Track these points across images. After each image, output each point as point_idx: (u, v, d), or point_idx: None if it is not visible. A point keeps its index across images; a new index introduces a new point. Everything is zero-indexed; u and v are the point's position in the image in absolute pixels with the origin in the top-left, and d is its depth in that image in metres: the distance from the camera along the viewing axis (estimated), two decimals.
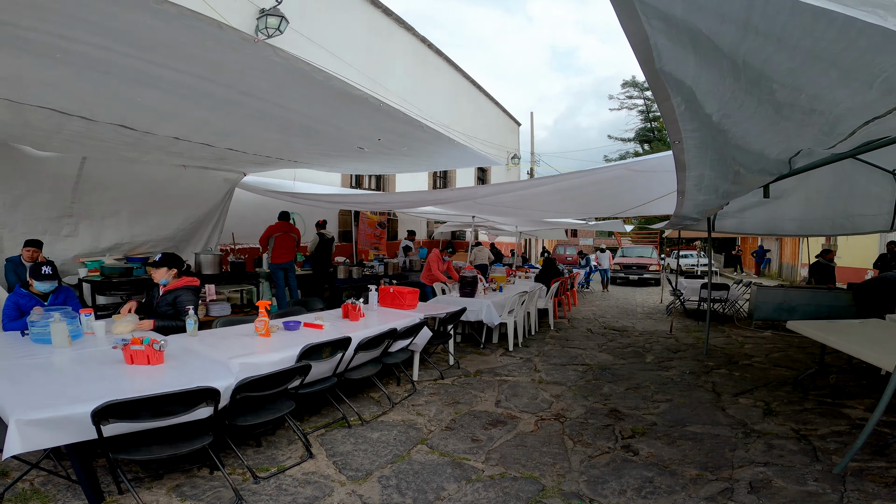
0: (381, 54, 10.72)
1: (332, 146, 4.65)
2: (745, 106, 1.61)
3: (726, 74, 1.36)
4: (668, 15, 1.07)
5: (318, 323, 3.64)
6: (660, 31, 1.12)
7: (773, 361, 5.73)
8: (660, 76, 1.32)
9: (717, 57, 1.26)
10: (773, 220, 6.37)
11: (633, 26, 1.10)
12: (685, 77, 1.35)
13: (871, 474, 2.80)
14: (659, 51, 1.20)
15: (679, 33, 1.13)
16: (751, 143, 2.14)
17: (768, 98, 1.56)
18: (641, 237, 26.78)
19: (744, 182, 2.89)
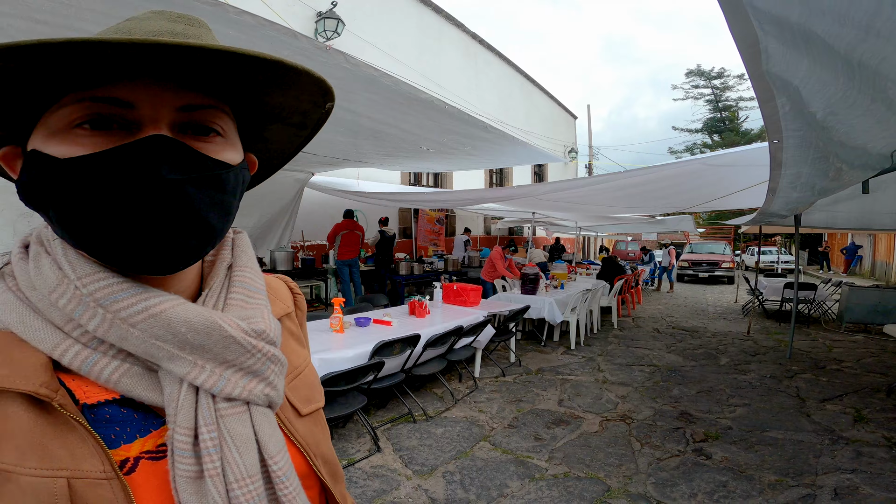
0: (433, 52, 10.84)
1: (398, 147, 4.80)
2: (857, 104, 1.48)
3: (840, 74, 1.26)
4: (782, 18, 1.02)
5: (386, 319, 3.79)
6: (772, 34, 1.06)
7: (866, 367, 5.28)
8: (765, 77, 1.25)
9: (832, 58, 1.17)
10: (868, 213, 5.80)
11: (743, 30, 1.06)
12: (793, 78, 1.27)
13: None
14: (769, 54, 1.14)
15: (793, 36, 1.07)
16: (854, 139, 1.97)
17: (881, 96, 1.43)
18: (712, 231, 25.21)
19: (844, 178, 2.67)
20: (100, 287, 0.41)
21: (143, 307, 0.41)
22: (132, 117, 0.40)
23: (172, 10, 0.44)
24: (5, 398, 0.40)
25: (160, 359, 0.42)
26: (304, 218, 7.59)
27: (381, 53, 8.81)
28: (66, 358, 0.41)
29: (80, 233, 0.40)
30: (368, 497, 2.58)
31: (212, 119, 0.43)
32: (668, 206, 7.53)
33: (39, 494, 0.38)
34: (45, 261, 0.42)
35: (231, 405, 0.44)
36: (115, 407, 0.44)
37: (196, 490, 0.42)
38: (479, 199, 6.88)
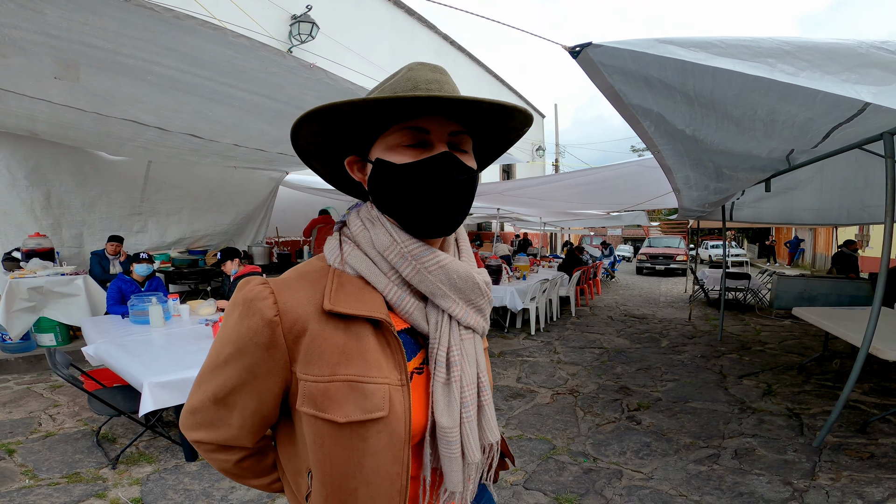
0: (405, 53, 11.13)
1: None
2: (707, 123, 1.99)
3: (681, 103, 1.76)
4: (623, 69, 1.50)
5: None
6: (620, 80, 1.54)
7: (786, 348, 5.94)
8: (629, 108, 1.73)
9: (670, 91, 1.66)
10: (790, 209, 6.54)
11: (599, 80, 1.53)
12: (651, 106, 1.75)
13: (849, 449, 3.07)
14: (624, 93, 1.61)
15: (636, 80, 1.55)
16: (732, 148, 2.50)
17: (725, 115, 1.94)
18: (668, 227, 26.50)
19: (737, 179, 3.23)
20: (414, 248, 0.64)
21: (437, 261, 0.64)
22: (428, 139, 0.63)
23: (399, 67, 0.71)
24: (360, 324, 0.62)
25: (437, 296, 0.64)
26: (278, 215, 7.84)
27: (354, 56, 9.05)
28: (389, 295, 0.64)
29: (401, 209, 0.64)
30: None
31: (465, 140, 0.66)
32: (617, 203, 8.16)
33: (375, 396, 0.59)
34: (381, 230, 0.65)
35: (467, 332, 0.67)
36: (404, 335, 0.65)
37: (444, 392, 0.63)
38: None
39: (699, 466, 2.85)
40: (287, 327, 0.60)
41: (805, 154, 3.18)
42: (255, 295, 0.61)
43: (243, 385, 0.63)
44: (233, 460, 0.72)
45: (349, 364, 0.59)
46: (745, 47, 1.22)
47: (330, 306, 0.60)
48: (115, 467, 2.71)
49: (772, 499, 2.50)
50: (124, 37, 2.50)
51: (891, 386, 4.26)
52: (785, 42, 1.22)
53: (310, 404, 0.60)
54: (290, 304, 0.60)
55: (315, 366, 0.60)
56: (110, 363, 2.80)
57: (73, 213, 5.54)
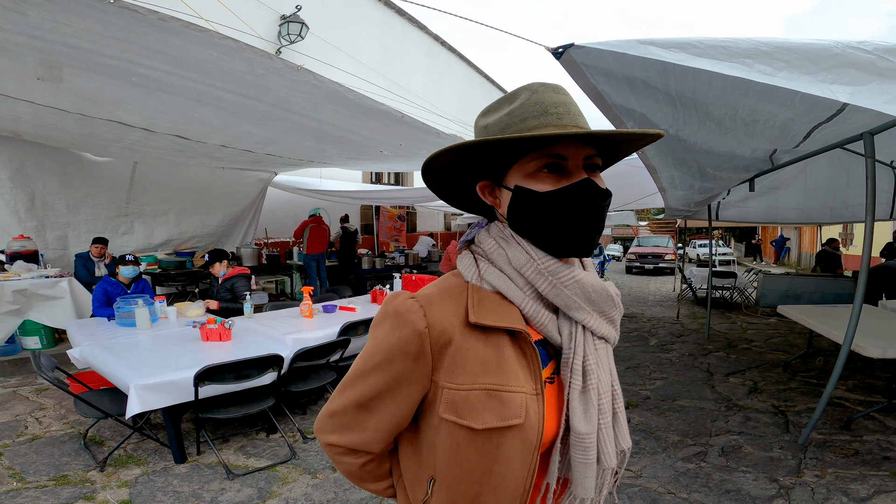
0: (396, 54, 11.12)
1: (359, 151, 5.15)
2: (690, 123, 2.03)
3: (663, 103, 1.79)
4: (606, 70, 1.52)
5: (351, 306, 4.18)
6: (603, 81, 1.56)
7: (771, 346, 6.00)
8: (612, 109, 1.76)
9: (652, 91, 1.69)
10: (774, 209, 6.65)
11: (583, 81, 1.55)
12: (634, 107, 1.78)
13: (833, 446, 3.10)
14: (607, 93, 1.64)
15: (618, 80, 1.57)
16: (715, 148, 2.54)
17: (707, 115, 1.97)
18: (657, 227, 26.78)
19: (721, 178, 3.27)
20: (550, 265, 0.67)
21: (572, 276, 0.67)
22: (565, 165, 0.65)
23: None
24: (499, 335, 0.65)
25: (572, 308, 0.67)
26: (267, 216, 7.79)
27: (344, 56, 9.03)
28: (526, 309, 0.67)
29: (542, 233, 0.67)
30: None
31: (597, 162, 0.68)
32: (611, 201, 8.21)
33: (512, 404, 0.62)
34: (517, 249, 0.68)
35: (601, 342, 0.70)
36: (537, 345, 0.67)
37: (581, 400, 0.66)
38: (434, 195, 7.31)
39: (687, 464, 2.88)
40: (434, 338, 0.65)
41: (787, 154, 3.24)
42: (406, 308, 0.66)
43: (387, 391, 0.69)
44: (359, 464, 0.77)
45: (488, 373, 0.63)
46: (724, 48, 1.24)
47: (475, 319, 0.64)
48: (104, 470, 2.70)
49: (758, 496, 2.53)
50: (108, 38, 2.49)
51: (874, 383, 4.31)
52: (762, 42, 1.24)
53: (451, 411, 0.64)
54: (437, 317, 0.65)
55: (458, 374, 0.64)
56: (96, 366, 2.78)
57: (57, 214, 5.47)
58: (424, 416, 0.70)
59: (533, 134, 0.61)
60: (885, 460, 2.90)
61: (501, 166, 0.70)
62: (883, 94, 1.23)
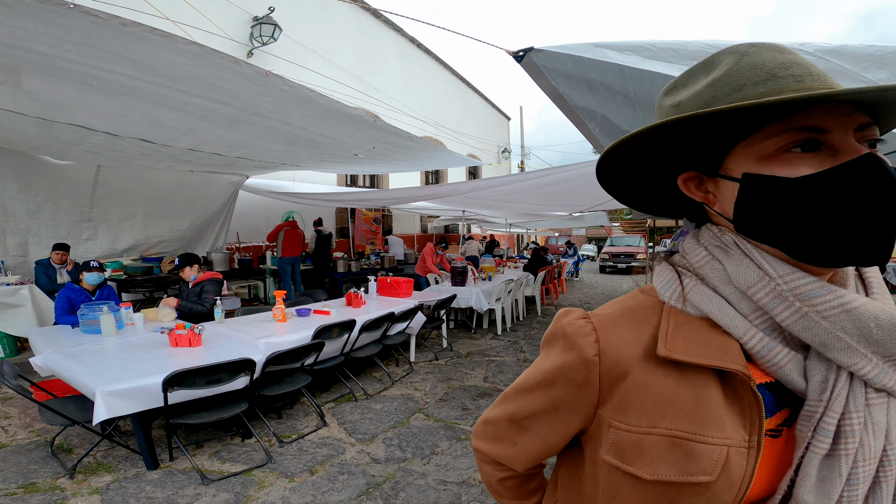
0: (371, 56, 11.11)
1: (332, 154, 5.13)
2: (650, 123, 2.11)
3: (622, 105, 1.87)
4: (565, 72, 1.58)
5: (325, 310, 4.16)
6: (563, 83, 1.63)
7: None
8: (574, 110, 1.83)
9: (611, 93, 1.76)
10: None
11: (543, 83, 1.62)
12: (595, 108, 1.86)
13: None
14: (568, 95, 1.70)
15: (577, 83, 1.64)
16: None
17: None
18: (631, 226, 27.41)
19: None
20: (798, 284, 0.48)
21: (839, 303, 0.47)
22: (828, 140, 0.47)
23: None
24: (701, 373, 0.51)
25: (832, 348, 0.47)
26: (238, 219, 7.66)
27: (318, 59, 8.98)
28: (750, 343, 0.50)
29: (799, 234, 0.47)
30: (319, 460, 2.96)
31: (873, 135, 0.49)
32: (579, 203, 8.40)
33: (703, 458, 0.48)
34: (743, 262, 0.51)
35: (878, 395, 0.49)
36: (762, 389, 0.51)
37: (822, 465, 0.48)
38: (409, 197, 7.33)
39: None
40: (606, 369, 0.55)
41: None
42: (575, 330, 0.57)
43: (542, 414, 0.62)
44: (498, 477, 0.72)
45: (676, 418, 0.51)
46: (673, 50, 1.31)
47: (666, 353, 0.51)
48: (73, 477, 2.64)
49: None
50: (68, 43, 2.44)
51: None
52: (709, 45, 1.32)
53: (615, 454, 0.54)
54: (613, 344, 0.55)
55: (632, 414, 0.53)
56: (60, 373, 2.71)
57: (17, 220, 5.26)
58: (588, 446, 0.61)
59: (792, 97, 0.43)
60: None
61: (716, 151, 0.53)
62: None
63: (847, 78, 1.27)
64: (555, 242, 20.74)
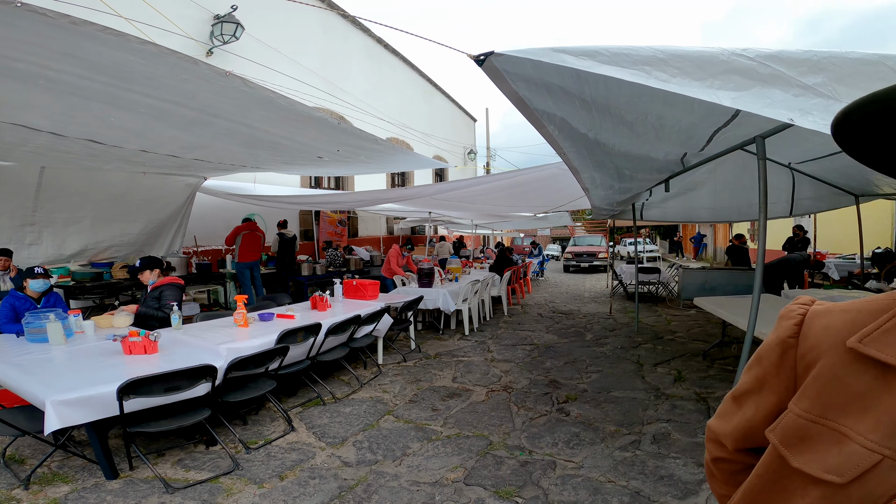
0: (338, 56, 10.98)
1: (295, 156, 5.03)
2: (605, 127, 2.20)
3: (580, 108, 1.93)
4: (525, 76, 1.63)
5: (289, 314, 4.07)
6: (523, 87, 1.67)
7: (692, 336, 6.50)
8: (534, 113, 1.88)
9: (569, 97, 1.83)
10: (689, 208, 7.25)
11: (504, 87, 1.66)
12: (554, 111, 1.91)
13: None
14: (528, 98, 1.75)
15: (537, 86, 1.69)
16: (631, 151, 2.76)
17: (621, 120, 2.16)
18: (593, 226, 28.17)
19: (638, 179, 3.54)
20: None
21: None
22: None
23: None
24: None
25: None
26: (197, 222, 7.38)
27: (283, 58, 8.80)
28: None
29: None
30: (288, 466, 2.91)
31: None
32: (543, 204, 8.58)
33: (847, 459, 0.46)
34: None
35: None
36: None
37: None
38: (375, 200, 7.28)
39: (624, 453, 3.04)
40: (801, 353, 0.54)
41: (696, 157, 3.57)
42: (786, 312, 0.58)
43: (751, 391, 0.62)
44: (713, 455, 0.71)
45: (855, 415, 0.48)
46: (626, 55, 1.38)
47: (855, 344, 0.49)
48: (28, 488, 2.54)
49: (689, 480, 2.69)
50: (12, 41, 2.30)
51: None
52: (659, 50, 1.39)
53: (778, 432, 0.55)
54: (815, 331, 0.54)
55: (808, 399, 0.52)
56: (7, 383, 2.58)
57: None
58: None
59: None
60: None
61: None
62: (762, 98, 1.39)
63: (784, 83, 1.36)
64: (520, 243, 21.08)
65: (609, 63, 1.40)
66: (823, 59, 1.36)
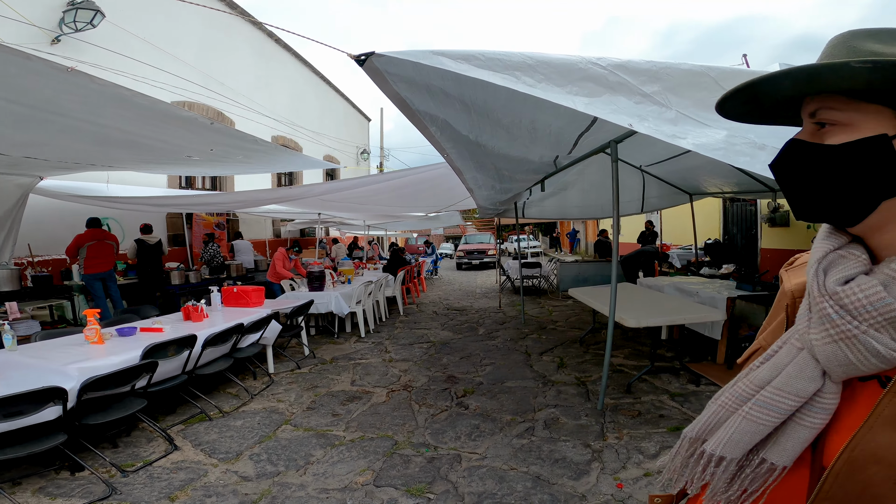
0: (219, 48, 10.14)
1: (159, 156, 4.49)
2: (484, 129, 2.34)
3: (460, 111, 2.03)
4: (407, 78, 1.67)
5: (156, 327, 3.64)
6: (405, 88, 1.71)
7: (570, 324, 7.08)
8: (416, 114, 1.93)
9: (450, 99, 1.91)
10: (563, 206, 7.99)
11: (386, 88, 1.68)
12: (437, 113, 1.98)
13: (623, 409, 3.61)
14: (410, 99, 1.79)
15: (419, 88, 1.74)
16: (509, 153, 2.97)
17: (497, 123, 2.31)
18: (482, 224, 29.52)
19: (516, 180, 3.81)
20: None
21: None
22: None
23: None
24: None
25: None
26: (32, 229, 6.20)
27: (153, 49, 7.84)
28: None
29: None
30: (176, 486, 2.63)
31: (821, 117, 0.52)
32: (434, 204, 8.79)
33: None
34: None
35: None
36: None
37: None
38: (258, 200, 6.79)
39: (521, 440, 3.19)
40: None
41: (566, 159, 3.96)
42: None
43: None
44: None
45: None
46: (499, 60, 1.48)
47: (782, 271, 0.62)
48: None
49: (579, 461, 2.86)
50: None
51: (642, 350, 5.31)
52: (528, 56, 1.51)
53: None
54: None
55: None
56: None
57: None
58: None
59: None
60: (661, 418, 3.44)
61: None
62: (610, 104, 1.59)
63: (628, 90, 1.57)
64: (414, 242, 21.32)
65: (483, 67, 1.48)
66: (661, 70, 1.58)
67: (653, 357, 4.49)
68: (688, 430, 0.60)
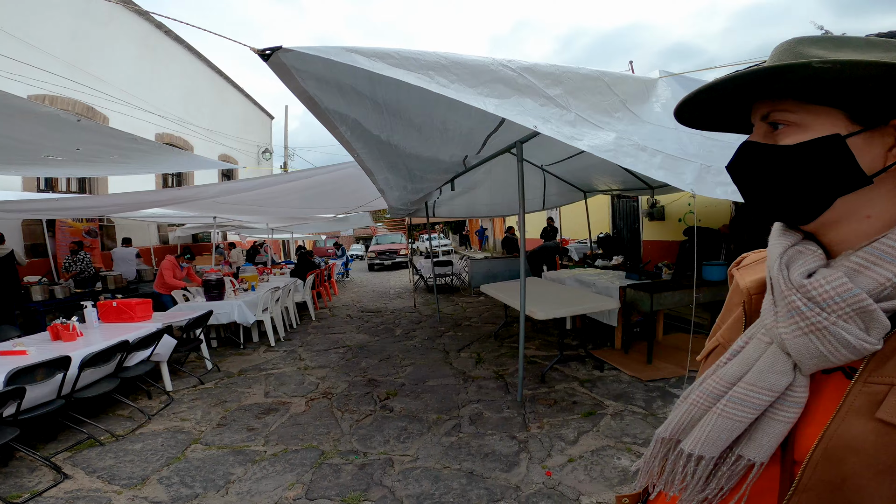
0: (94, 39, 8.92)
1: (10, 156, 3.81)
2: (396, 130, 2.34)
3: (371, 110, 2.01)
4: (317, 75, 1.60)
5: (18, 350, 3.11)
6: (314, 86, 1.64)
7: (484, 320, 7.28)
8: (325, 113, 1.86)
9: (361, 98, 1.87)
10: (472, 205, 8.24)
11: (293, 85, 1.60)
12: (347, 112, 1.93)
13: (540, 398, 3.71)
14: (319, 98, 1.73)
15: (329, 86, 1.68)
16: (421, 153, 2.99)
17: (410, 123, 2.32)
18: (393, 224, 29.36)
19: (427, 180, 3.86)
20: None
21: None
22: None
23: None
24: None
25: None
26: None
27: (17, 42, 6.65)
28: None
29: None
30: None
31: (774, 118, 0.53)
32: (343, 205, 8.56)
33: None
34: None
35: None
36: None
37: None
38: (137, 204, 6.07)
39: (449, 438, 3.20)
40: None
41: (475, 159, 4.09)
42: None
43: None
44: None
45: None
46: (414, 59, 1.48)
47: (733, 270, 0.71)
48: None
49: (508, 454, 2.89)
50: None
51: (551, 340, 5.58)
52: (442, 57, 1.53)
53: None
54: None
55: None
56: None
57: None
58: None
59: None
60: (574, 405, 3.57)
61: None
62: (518, 106, 1.66)
63: (534, 93, 1.66)
64: (323, 245, 20.53)
65: (398, 66, 1.47)
66: (562, 74, 1.69)
67: (561, 347, 4.75)
68: (660, 431, 0.60)
